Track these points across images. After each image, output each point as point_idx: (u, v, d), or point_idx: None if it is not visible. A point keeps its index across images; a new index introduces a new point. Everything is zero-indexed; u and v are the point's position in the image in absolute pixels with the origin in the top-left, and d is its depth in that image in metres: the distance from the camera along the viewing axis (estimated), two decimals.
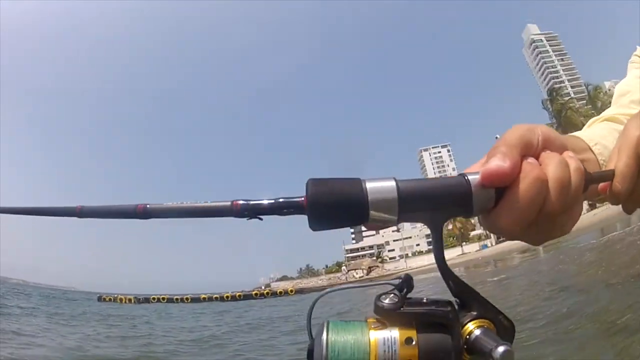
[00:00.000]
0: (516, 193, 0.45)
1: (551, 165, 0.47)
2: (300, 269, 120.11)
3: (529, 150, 0.49)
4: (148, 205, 0.47)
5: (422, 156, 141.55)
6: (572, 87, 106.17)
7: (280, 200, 0.45)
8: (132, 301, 51.09)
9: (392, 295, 0.44)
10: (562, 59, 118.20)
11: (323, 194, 0.43)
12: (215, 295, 55.93)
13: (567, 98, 66.69)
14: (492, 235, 62.98)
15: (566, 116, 57.06)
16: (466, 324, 0.45)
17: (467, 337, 0.44)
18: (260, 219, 0.46)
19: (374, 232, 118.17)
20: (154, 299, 53.77)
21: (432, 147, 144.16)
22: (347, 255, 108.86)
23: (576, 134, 0.73)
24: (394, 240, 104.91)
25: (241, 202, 0.45)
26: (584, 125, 0.87)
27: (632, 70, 1.07)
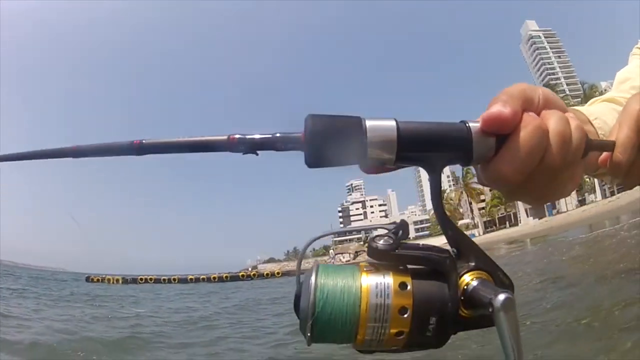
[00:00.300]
0: (517, 141, 0.44)
1: (552, 119, 0.47)
2: (287, 251, 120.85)
3: (530, 106, 0.48)
4: (144, 141, 0.45)
5: None
6: (567, 84, 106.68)
7: (278, 134, 0.43)
8: (120, 282, 51.13)
9: (386, 237, 0.42)
10: (559, 57, 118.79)
11: (322, 129, 0.42)
12: (203, 276, 56.46)
13: (562, 95, 66.92)
14: (479, 224, 64.17)
15: None
16: (463, 274, 0.43)
17: (464, 288, 0.42)
18: (256, 154, 0.44)
19: (361, 217, 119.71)
20: (141, 279, 53.89)
21: None
22: (335, 239, 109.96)
23: (576, 108, 0.73)
24: None
25: (238, 135, 0.44)
26: None
27: (633, 60, 1.08)
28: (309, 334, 0.38)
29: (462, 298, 0.41)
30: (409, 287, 0.40)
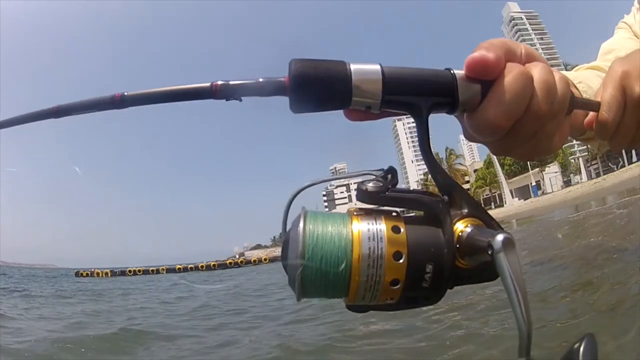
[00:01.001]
0: (502, 85, 0.44)
1: (536, 69, 0.47)
2: (274, 237, 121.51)
3: (513, 57, 0.48)
4: (126, 93, 0.44)
5: (395, 126, 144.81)
6: (550, 66, 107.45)
7: (261, 79, 0.42)
8: (109, 275, 51.07)
9: (375, 180, 0.41)
10: (541, 38, 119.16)
11: (307, 73, 0.41)
12: (190, 266, 56.56)
13: None
14: None
15: None
16: (456, 222, 0.41)
17: (459, 235, 0.40)
18: (240, 99, 0.43)
19: (346, 201, 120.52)
20: (130, 271, 53.88)
21: (407, 117, 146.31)
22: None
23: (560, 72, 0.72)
24: None
25: (221, 82, 0.42)
26: None
27: (618, 32, 1.10)
28: (298, 285, 0.36)
29: (458, 246, 0.39)
30: (402, 230, 0.38)
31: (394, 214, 0.40)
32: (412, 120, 0.44)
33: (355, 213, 0.39)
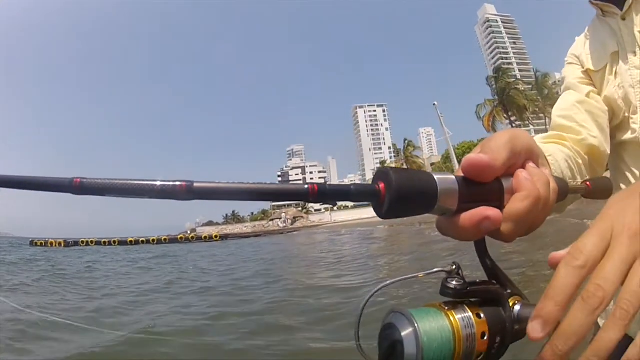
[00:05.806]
0: (514, 207, 0.49)
1: (540, 183, 0.51)
2: (226, 215, 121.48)
3: (516, 157, 0.52)
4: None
5: (356, 113, 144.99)
6: (520, 70, 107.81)
7: (354, 185, 0.44)
8: (62, 245, 50.08)
9: (456, 278, 0.49)
10: (514, 43, 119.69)
11: (405, 186, 0.44)
12: (142, 239, 55.92)
13: (512, 79, 67.01)
14: None
15: (509, 95, 56.21)
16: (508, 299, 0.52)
17: (511, 310, 0.51)
18: (335, 205, 0.46)
19: (301, 182, 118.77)
20: (82, 242, 53.33)
21: (368, 105, 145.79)
22: (273, 204, 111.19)
23: (536, 140, 0.75)
24: None
25: (315, 184, 0.42)
26: (526, 107, 0.93)
27: (565, 93, 1.15)
28: None
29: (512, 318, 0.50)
30: (482, 316, 0.48)
31: (470, 300, 0.50)
32: (373, 109, 0.46)
33: (445, 307, 0.48)
